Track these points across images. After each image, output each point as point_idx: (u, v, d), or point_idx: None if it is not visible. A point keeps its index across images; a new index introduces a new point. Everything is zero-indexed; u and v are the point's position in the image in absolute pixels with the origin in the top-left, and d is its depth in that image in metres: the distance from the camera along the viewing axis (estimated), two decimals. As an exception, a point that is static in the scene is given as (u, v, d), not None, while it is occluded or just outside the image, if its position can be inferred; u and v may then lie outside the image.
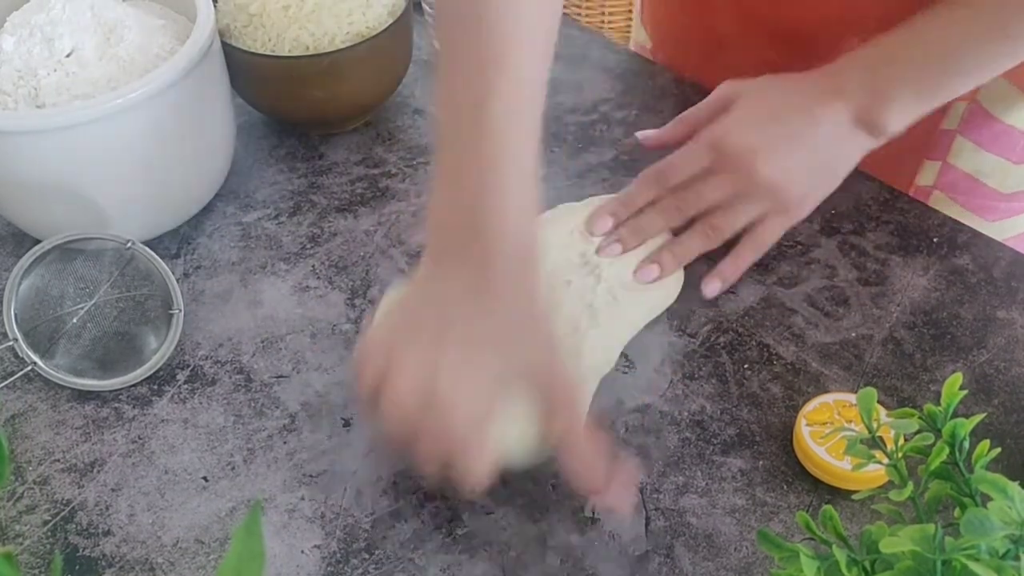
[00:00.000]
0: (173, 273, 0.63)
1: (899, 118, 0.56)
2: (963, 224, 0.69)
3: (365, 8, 0.72)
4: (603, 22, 1.81)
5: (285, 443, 0.57)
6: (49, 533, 0.54)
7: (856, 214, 0.69)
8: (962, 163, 0.73)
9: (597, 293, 0.57)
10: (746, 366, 0.60)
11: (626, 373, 0.60)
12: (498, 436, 0.47)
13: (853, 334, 0.62)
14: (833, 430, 0.53)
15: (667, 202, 0.59)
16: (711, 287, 0.61)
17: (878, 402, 0.42)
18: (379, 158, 0.76)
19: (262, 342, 0.63)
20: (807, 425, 0.54)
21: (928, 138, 0.73)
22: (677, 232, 0.62)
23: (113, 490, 0.56)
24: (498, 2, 0.47)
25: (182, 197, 0.69)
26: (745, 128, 0.56)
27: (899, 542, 0.35)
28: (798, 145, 0.57)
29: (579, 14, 1.86)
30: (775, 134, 0.56)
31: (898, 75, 0.56)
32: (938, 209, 0.71)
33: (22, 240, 0.70)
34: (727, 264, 0.61)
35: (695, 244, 0.60)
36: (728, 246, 0.63)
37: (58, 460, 0.57)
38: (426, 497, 0.55)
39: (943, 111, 0.71)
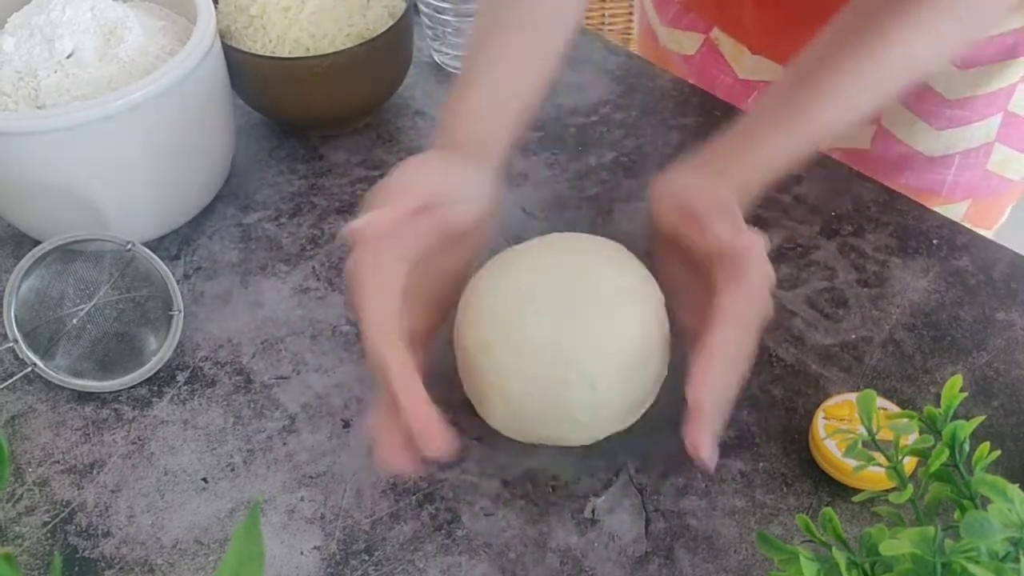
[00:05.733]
0: (173, 274, 0.63)
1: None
2: (962, 226, 0.69)
3: (365, 10, 0.72)
4: (603, 24, 1.81)
5: (285, 444, 0.57)
6: (49, 534, 0.54)
7: (855, 216, 0.69)
8: None
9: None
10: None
11: (626, 375, 0.60)
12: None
13: (853, 336, 0.62)
14: (840, 430, 0.53)
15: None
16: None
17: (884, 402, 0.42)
18: (379, 160, 0.76)
19: (262, 343, 0.63)
20: (824, 419, 0.54)
21: None
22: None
23: (113, 491, 0.56)
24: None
25: (182, 198, 0.69)
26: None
27: (899, 544, 0.35)
28: None
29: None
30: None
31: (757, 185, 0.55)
32: (889, 116, 0.74)
33: (22, 241, 0.70)
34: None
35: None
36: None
37: (58, 461, 0.57)
38: (426, 498, 0.55)
39: None
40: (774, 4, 0.76)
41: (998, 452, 0.39)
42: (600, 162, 0.75)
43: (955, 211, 0.78)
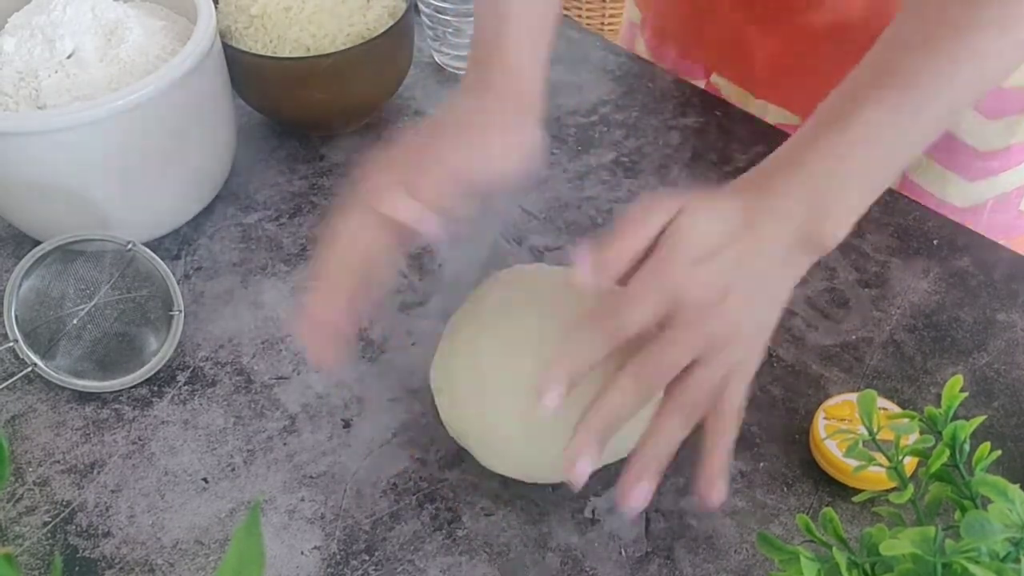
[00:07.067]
0: (173, 274, 0.63)
1: (844, 229, 0.47)
2: (963, 226, 0.69)
3: (365, 10, 0.72)
4: (603, 24, 1.82)
5: (285, 444, 0.57)
6: (49, 534, 0.54)
7: (856, 216, 0.69)
8: None
9: None
10: (746, 368, 0.60)
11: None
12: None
13: (853, 336, 0.62)
14: (840, 430, 0.53)
15: (628, 380, 0.45)
16: (717, 494, 0.46)
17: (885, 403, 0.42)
18: (380, 160, 0.76)
19: (262, 343, 0.63)
20: (825, 419, 0.54)
21: None
22: None
23: (113, 491, 0.56)
24: None
25: (183, 198, 0.69)
26: (701, 274, 0.45)
27: (899, 544, 0.35)
28: (757, 286, 0.47)
29: (579, 16, 1.86)
30: (734, 277, 0.46)
31: (843, 185, 0.47)
32: (919, 171, 0.73)
33: (22, 241, 0.70)
34: (715, 462, 0.46)
35: (678, 433, 0.46)
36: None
37: (58, 461, 0.57)
38: (426, 498, 0.55)
39: None
40: (782, 37, 0.75)
41: (998, 452, 0.39)
42: (600, 162, 0.75)
43: None
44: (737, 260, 0.45)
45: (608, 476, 0.55)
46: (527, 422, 0.50)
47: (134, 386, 0.61)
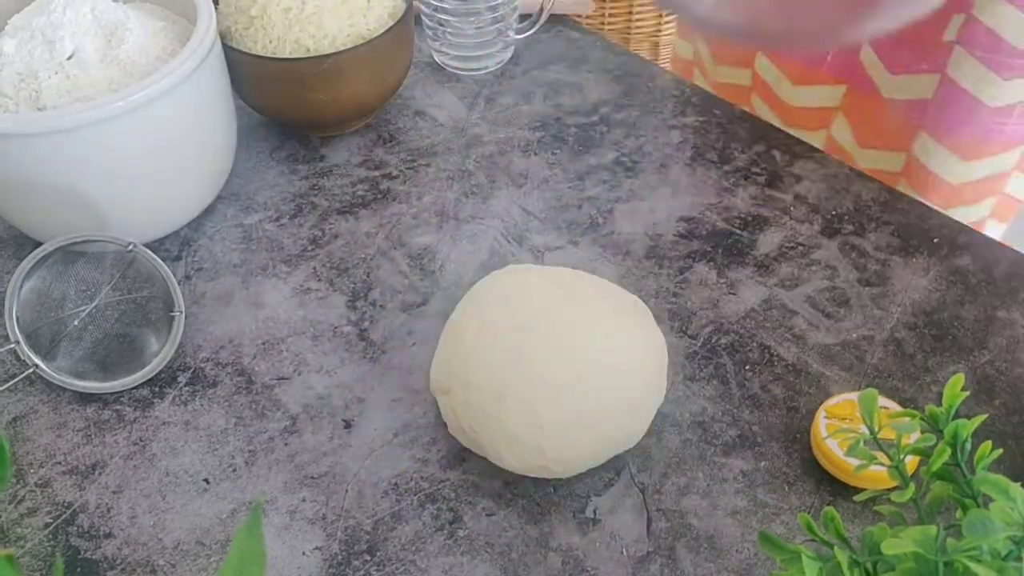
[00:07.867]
0: (174, 275, 0.63)
1: None
2: (964, 224, 0.69)
3: (366, 10, 0.72)
4: (603, 24, 1.81)
5: (286, 445, 0.58)
6: (50, 535, 0.54)
7: (856, 215, 0.69)
8: (985, 17, 0.71)
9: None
10: (747, 367, 0.60)
11: (627, 374, 0.60)
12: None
13: (854, 335, 0.62)
14: (841, 429, 0.53)
15: None
16: None
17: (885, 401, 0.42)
18: (380, 160, 0.76)
19: (263, 344, 0.63)
20: (826, 418, 0.54)
21: None
22: None
23: (114, 492, 0.56)
24: None
25: (183, 199, 0.69)
26: None
27: (901, 543, 0.35)
28: None
29: (579, 16, 1.85)
30: None
31: None
32: (956, 65, 0.73)
33: (23, 242, 0.70)
34: None
35: None
36: (733, 254, 0.63)
37: (59, 462, 0.57)
38: (427, 498, 0.55)
39: None
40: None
41: (1000, 451, 0.39)
42: (600, 162, 0.75)
43: (1007, 160, 0.78)
44: None
45: (608, 476, 0.55)
46: (530, 419, 0.50)
47: (135, 387, 0.61)
